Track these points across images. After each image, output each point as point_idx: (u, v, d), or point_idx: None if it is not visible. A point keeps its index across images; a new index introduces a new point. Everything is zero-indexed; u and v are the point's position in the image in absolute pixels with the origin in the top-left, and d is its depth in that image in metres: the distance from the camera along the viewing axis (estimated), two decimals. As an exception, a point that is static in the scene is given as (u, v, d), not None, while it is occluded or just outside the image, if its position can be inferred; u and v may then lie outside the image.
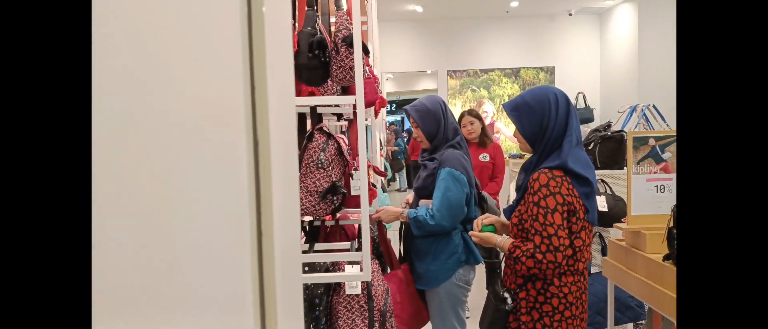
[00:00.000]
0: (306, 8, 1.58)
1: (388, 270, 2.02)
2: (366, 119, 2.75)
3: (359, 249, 1.54)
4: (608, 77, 7.24)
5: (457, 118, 3.40)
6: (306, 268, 1.59)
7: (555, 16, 7.40)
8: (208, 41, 0.27)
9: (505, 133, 7.28)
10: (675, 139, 1.70)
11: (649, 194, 1.71)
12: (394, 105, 16.16)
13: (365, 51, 1.56)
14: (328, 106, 1.79)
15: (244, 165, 0.30)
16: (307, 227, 1.89)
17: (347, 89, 1.76)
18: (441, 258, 1.91)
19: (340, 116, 2.05)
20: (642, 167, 1.70)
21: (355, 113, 1.52)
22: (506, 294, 1.46)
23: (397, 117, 17.08)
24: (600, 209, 2.61)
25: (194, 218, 0.27)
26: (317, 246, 1.71)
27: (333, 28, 1.60)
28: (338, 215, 1.94)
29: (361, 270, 1.46)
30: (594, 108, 6.91)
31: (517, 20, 7.44)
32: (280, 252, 0.37)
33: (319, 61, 1.48)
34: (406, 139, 10.77)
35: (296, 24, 1.70)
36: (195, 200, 0.28)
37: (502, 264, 1.62)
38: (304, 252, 1.66)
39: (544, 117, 1.43)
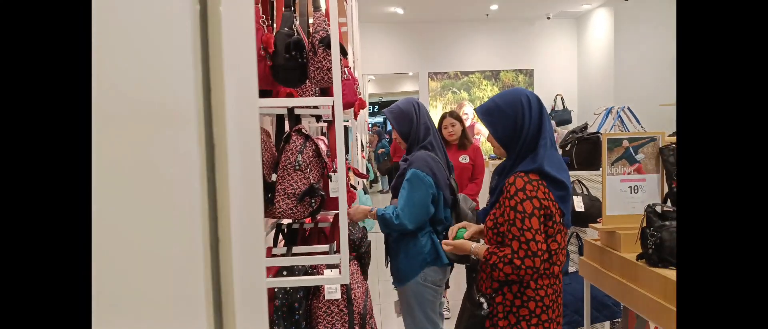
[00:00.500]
0: (283, 9, 1.56)
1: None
2: (346, 121, 2.75)
3: (337, 251, 1.53)
4: (585, 80, 7.38)
5: (438, 119, 3.42)
6: (284, 272, 1.57)
7: (534, 19, 7.51)
8: (153, 39, 0.26)
9: (485, 134, 7.34)
10: (648, 140, 1.73)
11: (623, 194, 1.74)
12: (377, 107, 16.17)
13: (343, 52, 1.55)
14: (307, 107, 1.78)
15: (197, 169, 0.29)
16: (286, 229, 1.88)
17: (326, 91, 1.75)
18: (408, 258, 1.98)
19: (318, 118, 2.04)
20: (616, 168, 1.73)
21: (333, 115, 1.51)
22: (482, 299, 1.44)
23: (380, 119, 17.10)
24: (577, 209, 2.65)
25: (140, 222, 0.26)
26: (295, 249, 1.69)
27: (311, 30, 1.58)
28: (318, 217, 1.93)
29: (340, 272, 1.45)
30: (572, 110, 7.04)
31: (497, 23, 7.53)
32: (240, 258, 0.36)
33: (297, 63, 1.46)
34: (388, 140, 10.81)
35: (274, 25, 1.68)
36: (140, 204, 0.26)
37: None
38: (282, 255, 1.64)
39: (518, 120, 1.42)
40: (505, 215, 1.38)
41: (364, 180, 4.17)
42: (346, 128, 2.80)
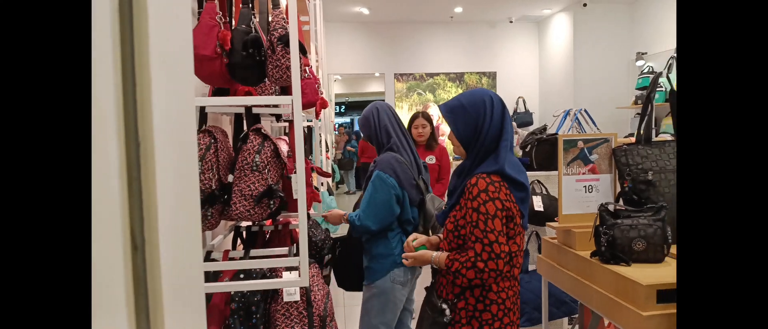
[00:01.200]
0: (241, 6, 1.53)
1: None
2: (309, 121, 2.72)
3: (297, 253, 1.50)
4: (546, 82, 7.59)
5: (408, 119, 3.43)
6: (241, 275, 1.53)
7: (496, 23, 7.66)
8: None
9: (447, 134, 7.43)
10: (601, 141, 1.79)
11: (578, 194, 1.79)
12: (343, 107, 16.09)
13: (303, 51, 1.52)
14: (266, 106, 1.74)
15: (115, 167, 0.27)
16: (244, 232, 1.84)
17: (286, 89, 1.72)
18: (378, 258, 2.02)
19: (278, 117, 2.00)
20: (571, 168, 1.78)
21: (293, 114, 1.49)
22: (444, 305, 1.42)
23: (347, 119, 17.04)
24: (536, 208, 2.72)
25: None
26: (254, 252, 1.65)
27: (270, 27, 1.55)
28: (280, 219, 1.90)
29: (299, 275, 1.43)
30: (533, 112, 7.23)
31: (461, 26, 7.64)
32: (170, 260, 0.35)
33: (254, 60, 1.43)
34: (356, 140, 10.91)
35: (232, 22, 1.64)
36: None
37: None
38: (240, 258, 1.60)
39: (479, 120, 1.42)
40: (468, 217, 1.36)
41: (329, 181, 4.13)
42: (309, 128, 2.77)
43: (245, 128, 1.64)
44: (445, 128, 7.70)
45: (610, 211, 1.58)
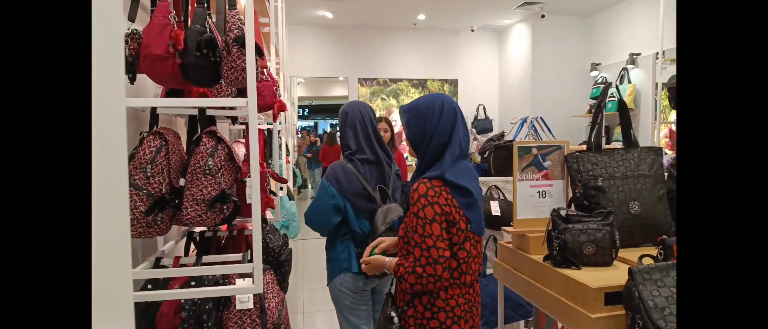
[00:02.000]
0: (195, 5, 1.49)
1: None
2: (270, 124, 2.67)
3: (251, 259, 1.47)
4: (506, 90, 7.78)
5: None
6: (192, 282, 1.48)
7: (459, 31, 7.80)
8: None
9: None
10: (554, 148, 1.85)
11: (532, 199, 1.83)
12: (307, 110, 15.95)
13: (259, 52, 1.49)
14: (222, 108, 1.70)
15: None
16: (198, 237, 1.78)
17: (243, 91, 1.68)
18: (329, 262, 2.08)
19: (234, 120, 1.96)
20: (526, 174, 1.82)
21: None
22: (393, 313, 1.42)
23: (310, 123, 16.89)
24: (494, 213, 2.77)
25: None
26: (207, 258, 1.60)
27: (226, 28, 1.51)
28: (236, 224, 1.85)
29: (253, 282, 1.39)
30: (493, 119, 7.39)
31: (424, 33, 7.73)
32: (95, 269, 0.32)
33: (208, 61, 1.39)
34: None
35: (188, 22, 1.60)
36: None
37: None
38: (192, 264, 1.55)
39: (427, 123, 1.42)
40: (411, 223, 1.37)
41: (289, 186, 4.06)
42: (269, 132, 2.72)
43: (199, 130, 1.59)
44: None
45: (561, 216, 1.63)
